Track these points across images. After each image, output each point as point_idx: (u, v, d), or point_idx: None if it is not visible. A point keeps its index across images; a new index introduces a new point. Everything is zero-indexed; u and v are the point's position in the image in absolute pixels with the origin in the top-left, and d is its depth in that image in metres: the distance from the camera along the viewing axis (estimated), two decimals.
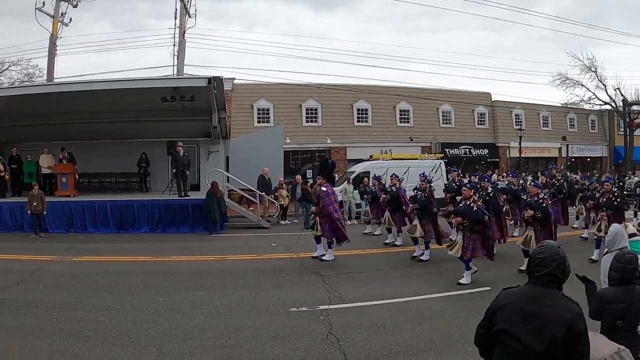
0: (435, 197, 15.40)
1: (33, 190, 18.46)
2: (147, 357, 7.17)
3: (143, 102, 20.04)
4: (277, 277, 11.95)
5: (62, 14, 29.59)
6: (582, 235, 16.44)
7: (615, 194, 13.70)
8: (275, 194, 22.90)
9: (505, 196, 16.47)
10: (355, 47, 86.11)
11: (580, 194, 18.78)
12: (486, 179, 15.52)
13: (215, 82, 18.83)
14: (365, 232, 18.67)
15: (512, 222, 17.09)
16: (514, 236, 15.81)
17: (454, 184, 17.64)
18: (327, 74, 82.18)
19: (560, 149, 45.25)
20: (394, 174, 17.05)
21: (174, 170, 20.64)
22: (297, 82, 36.74)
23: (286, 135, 30.04)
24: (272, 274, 12.19)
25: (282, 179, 23.89)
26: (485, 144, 41.67)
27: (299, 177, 23.95)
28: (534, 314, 3.34)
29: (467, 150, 40.26)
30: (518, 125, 40.66)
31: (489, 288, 10.15)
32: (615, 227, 6.06)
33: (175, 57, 30.45)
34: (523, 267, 11.03)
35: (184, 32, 30.30)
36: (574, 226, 18.21)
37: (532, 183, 13.33)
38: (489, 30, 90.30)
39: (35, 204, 18.02)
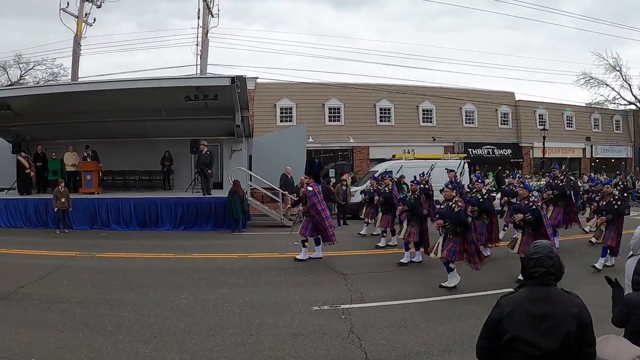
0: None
1: (59, 187, 18.71)
2: (169, 352, 7.18)
3: (167, 101, 20.07)
4: (299, 275, 11.93)
5: (86, 14, 29.97)
6: (591, 239, 15.68)
7: (616, 197, 13.06)
8: (298, 193, 22.86)
9: (506, 197, 16.20)
10: (378, 46, 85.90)
11: (586, 196, 18.49)
12: (479, 180, 14.86)
13: (239, 81, 18.83)
14: (360, 232, 18.44)
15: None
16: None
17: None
18: (349, 73, 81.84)
19: (584, 149, 44.76)
20: (387, 174, 16.96)
21: (197, 169, 20.67)
22: (319, 81, 36.83)
23: (309, 135, 29.99)
24: (294, 272, 12.19)
25: (302, 177, 23.85)
26: (509, 144, 41.32)
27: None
28: (543, 315, 3.33)
29: (490, 150, 40.02)
30: (542, 125, 40.39)
31: (512, 290, 9.99)
32: (639, 229, 5.92)
33: (199, 56, 30.68)
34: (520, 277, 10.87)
35: (207, 32, 30.49)
36: (585, 229, 17.29)
37: (522, 185, 12.78)
38: (513, 29, 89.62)
39: (63, 200, 18.32)
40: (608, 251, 12.36)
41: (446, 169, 16.65)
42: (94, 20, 30.58)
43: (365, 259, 13.78)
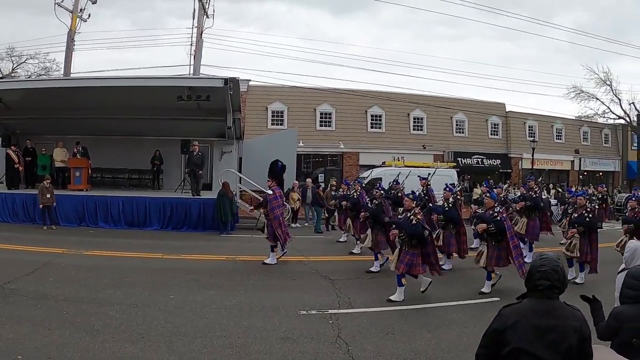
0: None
1: (45, 182, 18.60)
2: (157, 353, 7.14)
3: (159, 100, 20.05)
4: (287, 279, 11.94)
5: (81, 9, 29.76)
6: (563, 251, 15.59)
7: (588, 209, 12.40)
8: (287, 197, 22.86)
9: (476, 207, 16.17)
10: (372, 53, 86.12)
11: (563, 207, 18.41)
12: (447, 189, 14.15)
13: (232, 83, 18.87)
14: (339, 240, 18.09)
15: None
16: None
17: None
18: (342, 79, 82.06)
19: (572, 162, 45.27)
20: (357, 179, 16.84)
21: (188, 170, 20.61)
22: (312, 85, 36.93)
23: (299, 139, 30.01)
24: (282, 276, 12.19)
25: (295, 182, 23.89)
26: (498, 155, 41.68)
27: (309, 180, 23.95)
28: (547, 328, 3.33)
29: (479, 160, 40.24)
30: (531, 136, 40.70)
31: (497, 299, 10.05)
32: (633, 243, 5.94)
33: (192, 56, 30.58)
34: (484, 289, 10.85)
35: (202, 33, 30.41)
36: (562, 242, 16.08)
37: (488, 194, 12.09)
38: (506, 40, 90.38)
39: (48, 196, 18.30)
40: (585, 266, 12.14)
41: (418, 176, 16.61)
42: (89, 15, 30.38)
43: (353, 264, 13.76)
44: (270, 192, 13.98)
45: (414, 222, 10.26)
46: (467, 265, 13.16)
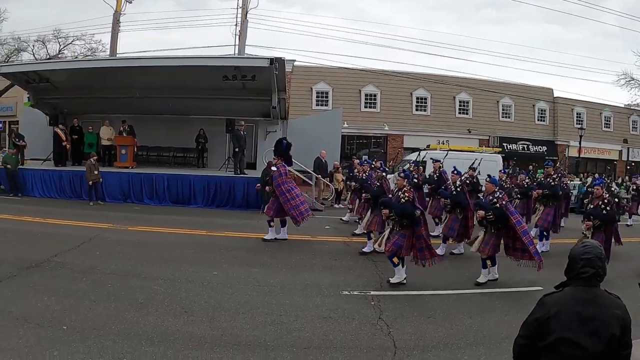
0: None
1: (91, 159, 18.87)
2: (200, 327, 7.19)
3: (204, 79, 20.11)
4: (329, 259, 11.84)
5: None
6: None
7: (606, 200, 11.24)
8: (331, 178, 22.78)
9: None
10: (418, 34, 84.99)
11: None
12: (455, 172, 13.43)
13: (277, 63, 18.83)
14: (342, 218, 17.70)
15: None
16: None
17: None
18: (387, 60, 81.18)
19: (620, 151, 43.87)
20: (366, 160, 16.36)
21: (236, 149, 20.61)
22: (357, 67, 36.61)
23: (344, 120, 29.79)
24: (324, 256, 12.11)
25: (338, 162, 23.75)
26: (544, 141, 40.75)
27: (356, 161, 23.76)
28: (590, 317, 3.26)
29: (525, 146, 39.53)
30: (579, 124, 39.56)
31: (540, 288, 9.75)
32: None
33: (237, 37, 30.66)
34: (480, 279, 10.21)
35: (247, 13, 30.46)
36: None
37: (488, 179, 11.14)
38: (555, 24, 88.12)
39: (96, 172, 18.72)
40: None
41: (431, 158, 16.18)
42: None
43: None
44: (274, 168, 13.90)
45: (402, 201, 9.88)
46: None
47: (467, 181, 13.81)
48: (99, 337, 6.64)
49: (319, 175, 22.07)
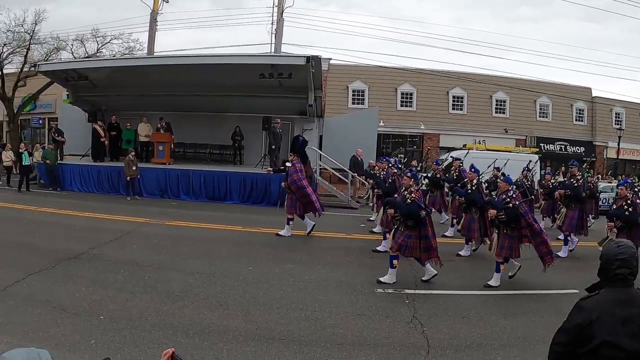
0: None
1: (130, 155, 19.14)
2: (235, 321, 7.20)
3: (241, 77, 20.20)
4: (364, 257, 11.74)
5: None
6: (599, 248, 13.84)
7: (629, 201, 10.78)
8: (367, 175, 22.68)
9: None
10: (454, 33, 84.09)
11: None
12: (473, 170, 13.08)
13: (314, 61, 18.87)
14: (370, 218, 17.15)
15: None
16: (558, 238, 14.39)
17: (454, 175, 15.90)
18: (423, 59, 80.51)
19: None
20: (385, 157, 16.22)
21: (272, 146, 20.65)
22: (393, 65, 36.43)
23: (380, 118, 29.66)
24: (359, 254, 12.02)
25: (374, 161, 23.65)
26: (582, 142, 39.85)
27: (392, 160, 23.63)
28: (630, 318, 3.16)
29: (562, 146, 38.84)
30: (618, 124, 38.80)
31: (576, 291, 9.57)
32: None
33: (273, 35, 30.76)
34: (491, 282, 9.81)
35: (282, 12, 30.48)
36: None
37: (502, 177, 11.01)
38: (592, 22, 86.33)
39: (134, 168, 19.02)
40: None
41: (451, 157, 15.92)
42: None
43: None
44: (288, 164, 14.11)
45: (408, 201, 9.66)
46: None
47: (484, 181, 13.72)
48: (134, 328, 6.71)
49: (355, 174, 22.01)
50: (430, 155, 31.82)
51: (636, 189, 13.44)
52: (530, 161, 14.84)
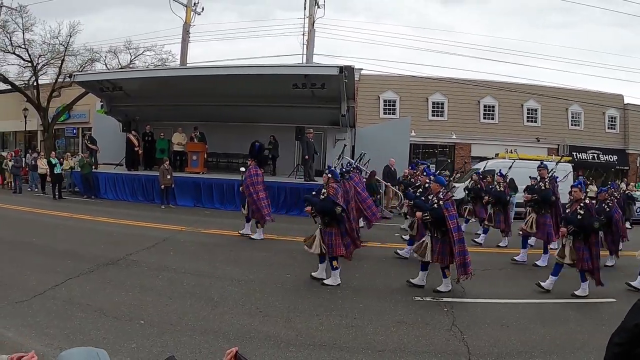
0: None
1: (164, 164, 19.30)
2: (275, 327, 7.16)
3: (274, 87, 20.32)
4: (400, 266, 11.61)
5: (194, 3, 30.98)
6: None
7: (583, 204, 9.83)
8: (400, 185, 22.55)
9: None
10: (484, 41, 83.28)
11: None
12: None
13: (347, 71, 18.81)
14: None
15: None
16: (499, 245, 14.57)
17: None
18: (454, 68, 79.77)
19: None
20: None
21: (306, 156, 20.62)
22: (424, 75, 36.31)
23: (411, 128, 29.53)
24: (395, 262, 11.94)
25: (405, 171, 23.51)
26: (615, 150, 38.99)
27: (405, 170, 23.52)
28: None
29: (595, 155, 38.09)
30: None
31: (613, 300, 9.39)
32: None
33: (305, 46, 30.94)
34: (441, 288, 9.48)
35: (313, 22, 30.65)
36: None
37: (434, 178, 10.46)
38: (622, 27, 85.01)
39: (169, 177, 19.18)
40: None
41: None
42: (202, 9, 31.68)
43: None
44: (242, 169, 14.62)
45: (322, 197, 9.76)
46: None
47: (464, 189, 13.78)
48: (175, 332, 6.70)
49: (388, 184, 21.90)
50: (462, 166, 31.52)
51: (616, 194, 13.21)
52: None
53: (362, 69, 35.18)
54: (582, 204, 9.79)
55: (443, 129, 36.64)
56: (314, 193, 10.39)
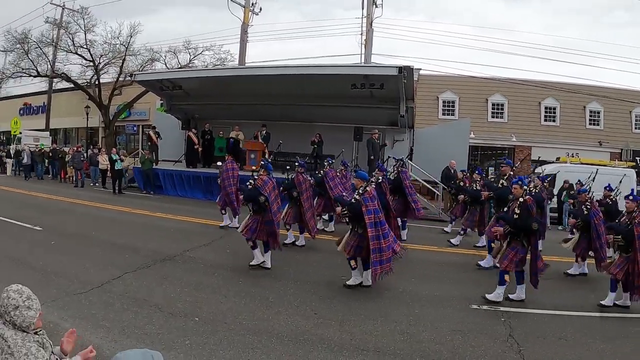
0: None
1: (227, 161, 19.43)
2: (329, 330, 7.09)
3: (332, 88, 20.21)
4: (457, 272, 11.36)
5: (252, 3, 31.42)
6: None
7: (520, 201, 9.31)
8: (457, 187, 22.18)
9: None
10: (546, 40, 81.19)
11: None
12: (379, 168, 13.39)
13: (406, 72, 18.56)
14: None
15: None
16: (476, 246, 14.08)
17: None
18: (514, 68, 78.19)
19: None
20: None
21: (371, 157, 20.44)
22: (483, 75, 35.75)
23: (471, 130, 29.05)
24: (452, 268, 11.66)
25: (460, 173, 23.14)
26: None
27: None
28: None
29: None
30: None
31: None
32: None
33: (363, 45, 30.86)
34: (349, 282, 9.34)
35: (372, 22, 30.55)
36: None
37: (354, 173, 10.63)
38: None
39: None
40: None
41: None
42: (260, 9, 32.02)
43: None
44: (219, 163, 15.58)
45: (249, 186, 10.24)
46: None
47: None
48: (229, 331, 6.71)
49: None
50: (520, 168, 30.77)
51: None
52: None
53: (420, 69, 34.79)
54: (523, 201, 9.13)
55: (503, 131, 35.92)
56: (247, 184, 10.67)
